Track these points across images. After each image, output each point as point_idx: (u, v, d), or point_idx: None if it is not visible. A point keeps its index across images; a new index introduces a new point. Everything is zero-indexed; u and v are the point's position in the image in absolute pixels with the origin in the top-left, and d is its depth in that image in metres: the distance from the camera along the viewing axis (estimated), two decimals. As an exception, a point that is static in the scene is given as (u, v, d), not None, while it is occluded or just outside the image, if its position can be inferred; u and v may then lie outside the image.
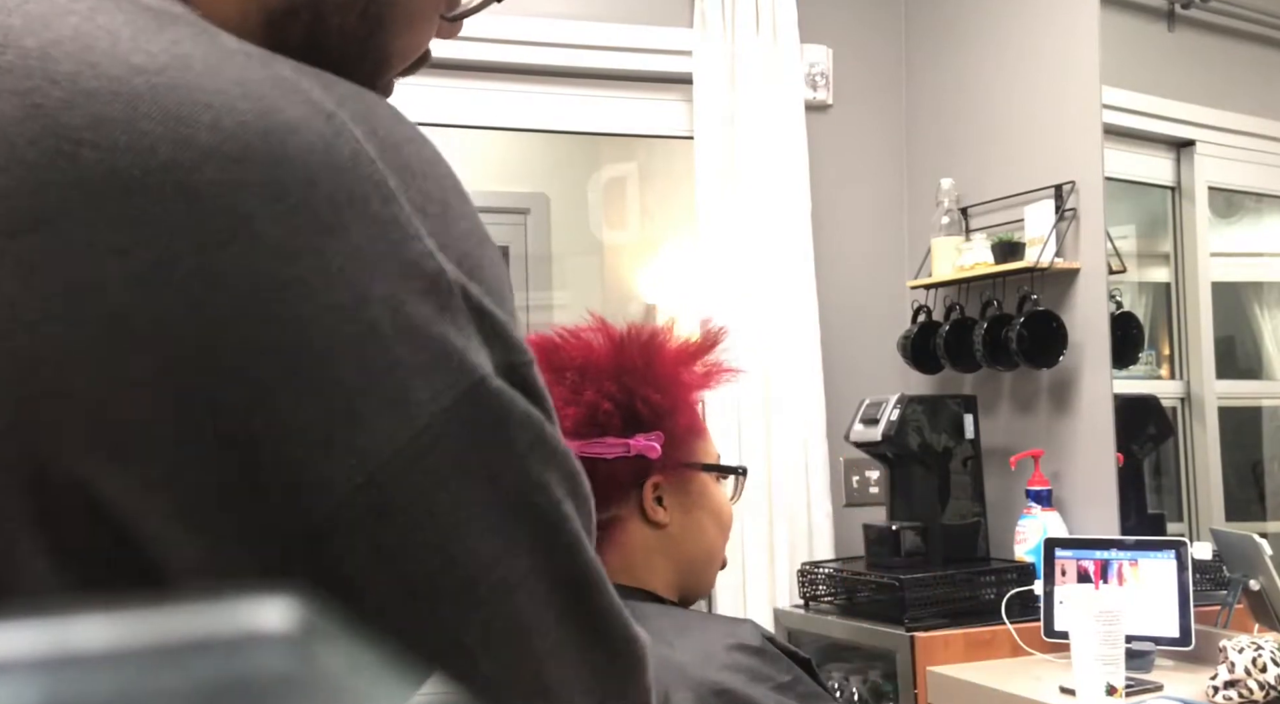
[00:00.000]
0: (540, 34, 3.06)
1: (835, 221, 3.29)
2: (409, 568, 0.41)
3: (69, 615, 0.18)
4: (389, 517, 0.40)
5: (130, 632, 0.17)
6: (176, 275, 0.38)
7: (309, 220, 0.40)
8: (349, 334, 0.40)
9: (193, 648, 0.17)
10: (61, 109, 0.39)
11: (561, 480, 0.45)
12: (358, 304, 0.40)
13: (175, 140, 0.39)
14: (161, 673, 0.17)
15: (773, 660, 1.26)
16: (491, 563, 0.42)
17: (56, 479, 0.37)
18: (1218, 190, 2.82)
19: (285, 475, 0.39)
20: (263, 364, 0.39)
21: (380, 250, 0.41)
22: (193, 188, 0.38)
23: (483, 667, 0.42)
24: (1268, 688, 2.06)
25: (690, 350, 1.37)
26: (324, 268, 0.40)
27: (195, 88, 0.40)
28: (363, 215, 0.41)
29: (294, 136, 0.40)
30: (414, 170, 0.43)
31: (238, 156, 0.39)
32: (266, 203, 0.39)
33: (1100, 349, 2.78)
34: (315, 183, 0.40)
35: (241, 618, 0.18)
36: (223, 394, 0.38)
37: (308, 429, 0.39)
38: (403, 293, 0.41)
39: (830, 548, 3.10)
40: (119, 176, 0.38)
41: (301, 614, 0.18)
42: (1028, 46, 2.99)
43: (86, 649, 0.17)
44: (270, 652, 0.18)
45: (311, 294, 0.39)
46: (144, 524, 0.38)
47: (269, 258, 0.39)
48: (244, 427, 0.38)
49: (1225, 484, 2.74)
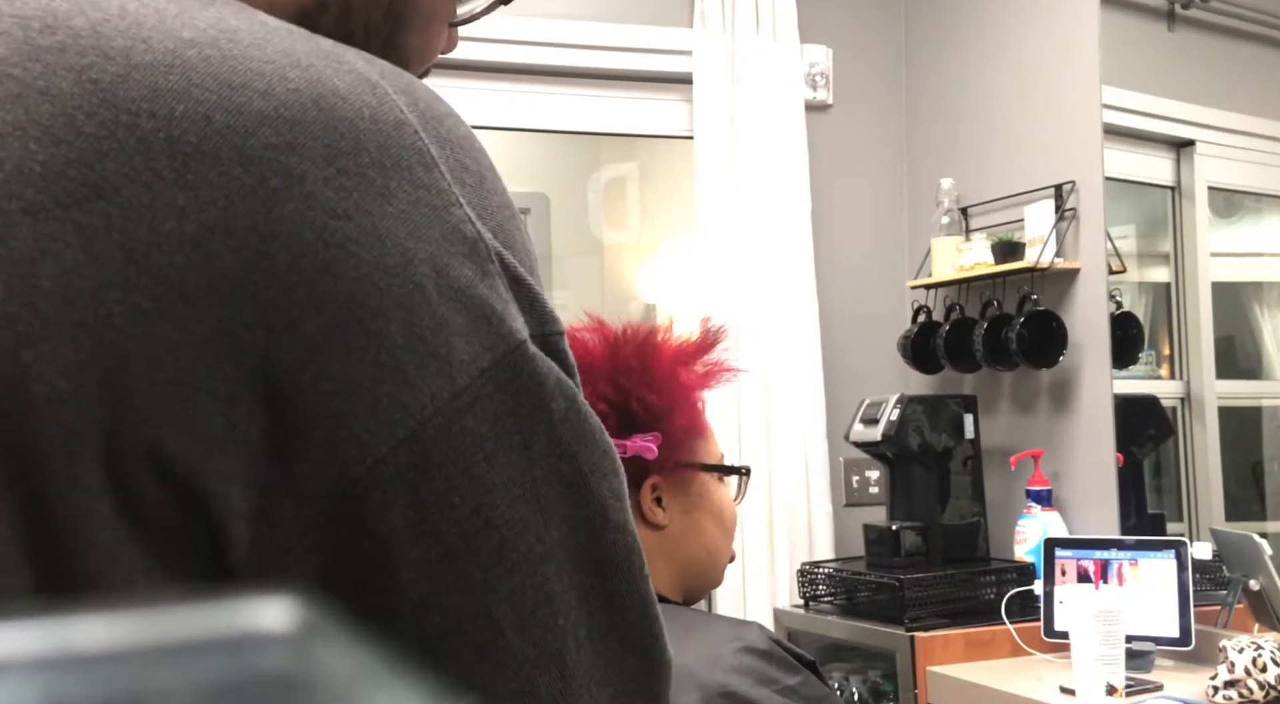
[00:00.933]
0: (540, 34, 3.06)
1: (835, 221, 3.29)
2: (445, 528, 0.41)
3: (69, 615, 0.18)
4: (428, 474, 0.41)
5: (130, 632, 0.17)
6: (233, 235, 0.39)
7: (359, 183, 0.41)
8: (397, 293, 0.41)
9: (193, 648, 0.17)
10: (118, 83, 0.40)
11: (593, 453, 0.45)
12: (404, 265, 0.41)
13: (229, 107, 0.40)
14: (161, 673, 0.17)
15: (779, 663, 1.26)
16: (523, 531, 0.43)
17: (125, 444, 0.38)
18: (1218, 190, 2.82)
19: (332, 429, 0.40)
20: (314, 319, 0.40)
21: (424, 214, 0.42)
22: (248, 151, 0.40)
23: (508, 638, 0.42)
24: (1268, 688, 2.06)
25: (688, 350, 1.37)
26: (373, 229, 0.41)
27: (246, 58, 0.41)
28: (408, 180, 0.42)
29: (342, 103, 0.42)
30: (453, 143, 0.45)
31: (290, 121, 0.41)
32: (319, 165, 0.41)
33: (1100, 349, 2.78)
34: (364, 148, 0.42)
35: (241, 618, 0.18)
36: (275, 349, 0.39)
37: (356, 384, 0.40)
38: (445, 256, 0.42)
39: (830, 548, 3.10)
40: (176, 143, 0.39)
41: (302, 614, 0.18)
42: (1028, 46, 2.99)
43: (86, 649, 0.17)
44: (270, 652, 0.18)
45: (361, 253, 0.40)
46: (207, 483, 0.39)
47: (322, 217, 0.40)
48: (294, 381, 0.39)
49: (1225, 484, 2.74)
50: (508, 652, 0.43)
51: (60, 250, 0.38)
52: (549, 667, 0.43)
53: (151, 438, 0.38)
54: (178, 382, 0.38)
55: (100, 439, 0.38)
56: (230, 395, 0.39)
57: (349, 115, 0.42)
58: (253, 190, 0.39)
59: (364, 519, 0.40)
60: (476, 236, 0.43)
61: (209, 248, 0.39)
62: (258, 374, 0.39)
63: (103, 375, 0.38)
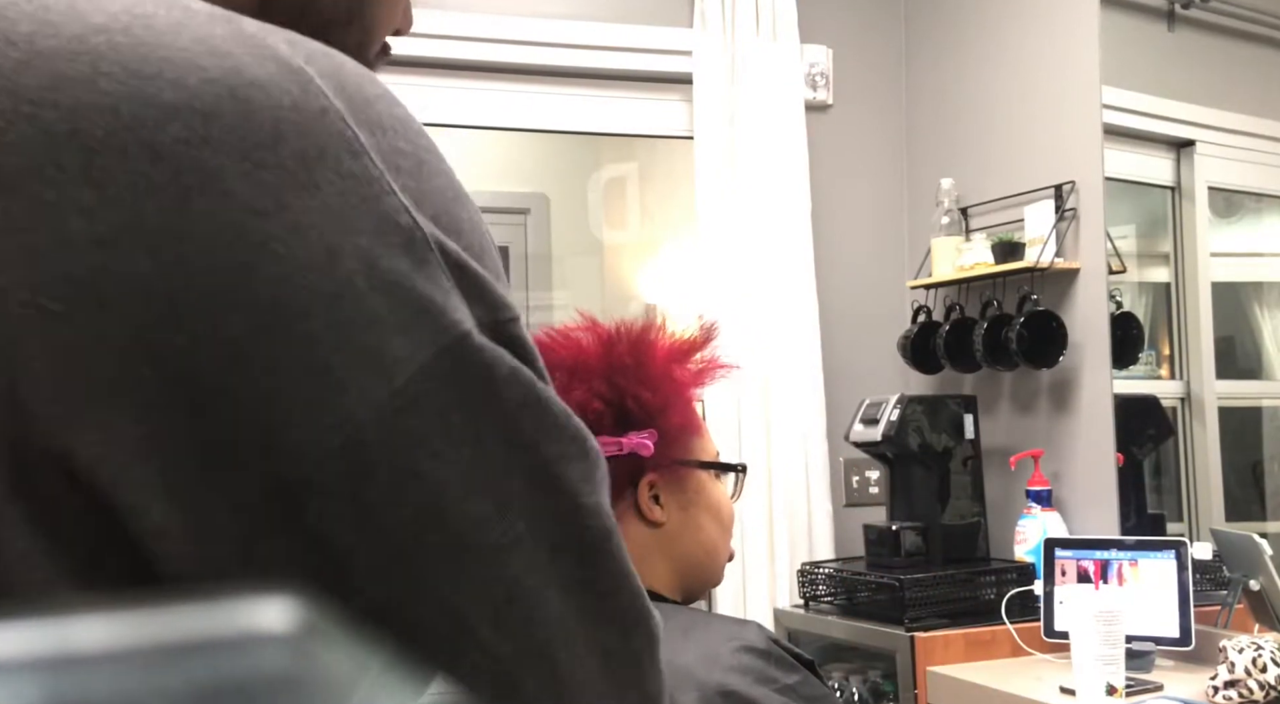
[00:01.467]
0: (540, 34, 3.06)
1: (835, 221, 3.29)
2: (394, 529, 0.40)
3: (69, 615, 0.18)
4: (371, 476, 0.39)
5: (130, 632, 0.17)
6: (145, 235, 0.37)
7: (279, 177, 0.39)
8: (323, 291, 0.39)
9: (193, 648, 0.17)
10: (19, 70, 0.38)
11: (558, 440, 0.44)
12: (331, 260, 0.39)
13: (138, 98, 0.38)
14: (161, 673, 0.17)
15: (778, 662, 1.26)
16: (481, 525, 0.41)
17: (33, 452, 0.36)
18: (1218, 190, 2.82)
19: (261, 437, 0.38)
20: (236, 323, 0.38)
21: (352, 206, 0.40)
22: (157, 146, 0.38)
23: (481, 635, 0.41)
24: (1268, 688, 2.06)
25: (683, 348, 1.36)
26: (295, 224, 0.39)
27: (159, 45, 0.39)
28: (333, 171, 0.40)
29: (261, 93, 0.40)
30: (385, 127, 0.43)
31: (204, 113, 0.38)
32: (234, 160, 0.38)
33: (1100, 349, 2.78)
34: (284, 138, 0.39)
35: (241, 618, 0.18)
36: (196, 355, 0.37)
37: (283, 388, 0.38)
38: (377, 248, 0.40)
39: (830, 548, 3.10)
40: (81, 137, 0.37)
41: (301, 614, 0.18)
42: (1028, 46, 2.99)
43: (86, 649, 0.17)
44: (270, 652, 0.18)
45: (283, 251, 0.38)
46: (123, 494, 0.37)
47: (239, 215, 0.38)
48: (218, 388, 0.37)
49: (1225, 484, 2.74)
50: (482, 650, 0.41)
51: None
52: (536, 665, 0.42)
53: (60, 447, 0.36)
54: (90, 389, 0.37)
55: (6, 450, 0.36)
56: (148, 404, 0.37)
57: (268, 105, 0.40)
58: (164, 188, 0.37)
59: (308, 528, 0.39)
60: (412, 225, 0.41)
61: (120, 249, 0.37)
62: (179, 382, 0.37)
63: (8, 383, 0.36)
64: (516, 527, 0.42)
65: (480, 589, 0.41)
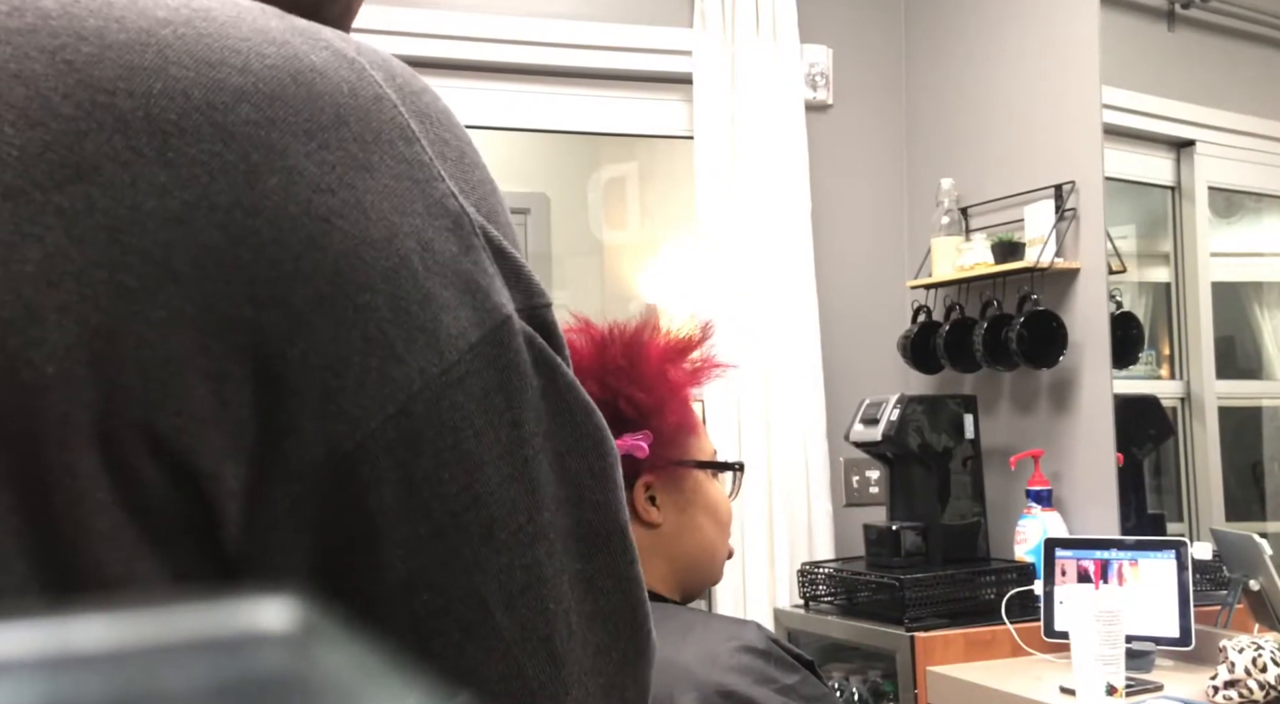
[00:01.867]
0: (540, 34, 3.06)
1: (835, 221, 3.29)
2: (434, 504, 0.41)
3: (69, 616, 0.18)
4: (417, 449, 0.40)
5: (130, 632, 0.17)
6: (216, 211, 0.39)
7: (341, 157, 0.41)
8: (383, 267, 0.40)
9: (193, 648, 0.17)
10: (93, 63, 0.39)
11: (571, 431, 0.45)
12: (389, 238, 0.41)
13: (208, 84, 0.40)
14: (161, 673, 0.17)
15: (777, 662, 1.26)
16: (513, 509, 0.42)
17: (118, 427, 0.38)
18: (1218, 190, 2.82)
19: (320, 403, 0.39)
20: (301, 293, 0.39)
21: (407, 188, 0.42)
22: (228, 127, 0.39)
23: (496, 618, 0.42)
24: (1268, 688, 2.06)
25: (677, 347, 1.36)
26: (357, 202, 0.40)
27: (221, 35, 0.41)
28: (390, 154, 0.42)
29: (321, 78, 0.42)
30: (432, 118, 0.45)
31: (269, 96, 0.40)
32: (300, 140, 0.40)
33: (1100, 349, 2.78)
34: (344, 122, 0.41)
35: (241, 618, 0.18)
36: (264, 324, 0.39)
37: (343, 358, 0.40)
38: (430, 230, 0.42)
39: (830, 548, 3.10)
40: (155, 121, 0.39)
41: (302, 614, 0.18)
42: (1028, 47, 2.99)
43: (86, 649, 0.17)
44: (270, 652, 0.18)
45: (346, 227, 0.40)
46: (200, 462, 0.38)
47: (306, 192, 0.40)
48: (283, 355, 0.39)
49: (1225, 484, 2.74)
50: (494, 633, 0.42)
51: (42, 234, 0.37)
52: (537, 651, 0.43)
53: (143, 419, 0.38)
54: (166, 360, 0.38)
55: (92, 423, 0.37)
56: (219, 372, 0.38)
57: (328, 90, 0.41)
58: (234, 166, 0.39)
59: (352, 495, 0.40)
60: (460, 211, 0.43)
61: (193, 224, 0.38)
62: (246, 350, 0.39)
63: (90, 358, 0.37)
64: (542, 515, 0.43)
65: (503, 573, 0.42)
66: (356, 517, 0.40)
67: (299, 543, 0.40)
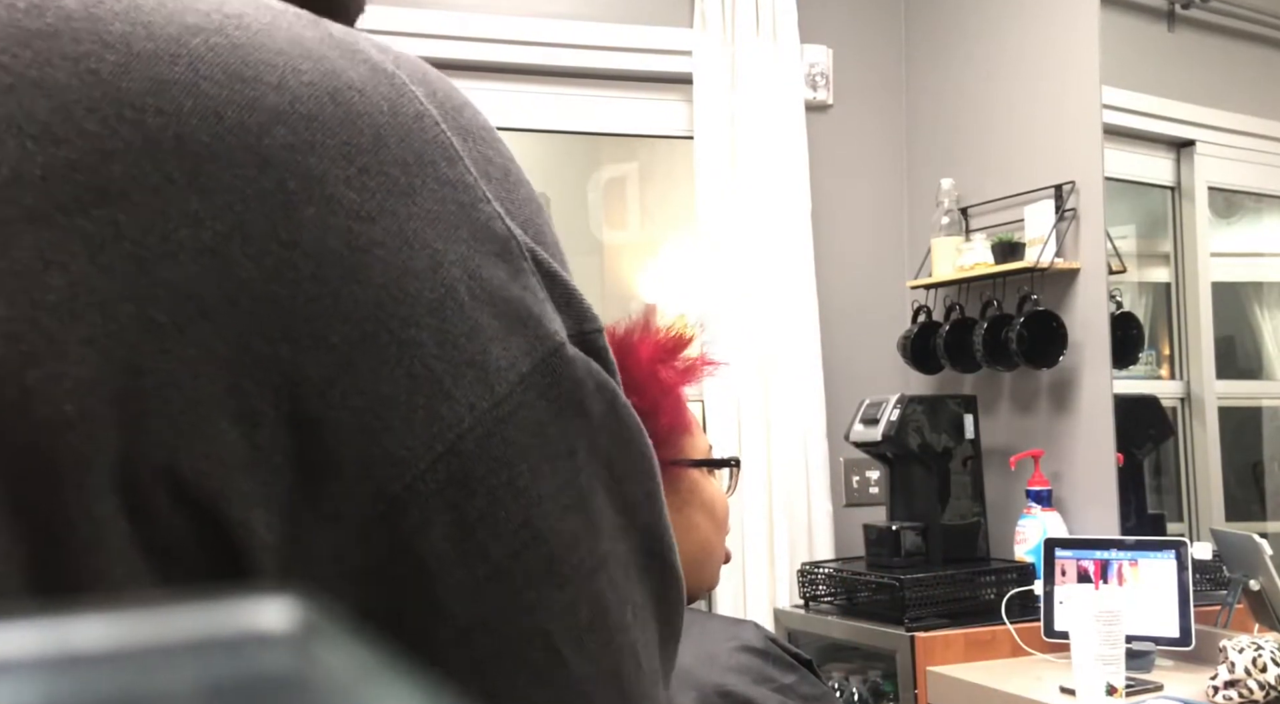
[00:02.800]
0: (540, 34, 3.06)
1: (835, 221, 3.29)
2: (491, 545, 0.38)
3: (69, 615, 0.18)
4: (470, 489, 0.38)
5: (130, 632, 0.17)
6: (251, 242, 0.36)
7: (382, 183, 0.38)
8: (428, 299, 0.38)
9: (193, 648, 0.17)
10: (119, 74, 0.37)
11: (634, 457, 0.43)
12: (434, 268, 0.38)
13: (241, 102, 0.37)
14: (161, 673, 0.17)
15: (776, 661, 1.26)
16: (573, 544, 0.40)
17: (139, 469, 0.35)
18: (1218, 190, 2.82)
19: (364, 446, 0.37)
20: (342, 331, 0.37)
21: (451, 213, 0.39)
22: (263, 151, 0.37)
23: (564, 656, 0.40)
24: (1268, 688, 2.06)
25: (667, 347, 1.35)
26: (399, 231, 0.38)
27: (255, 47, 0.38)
28: (432, 177, 0.39)
29: (359, 97, 0.39)
30: (474, 135, 0.42)
31: (307, 117, 0.38)
32: (339, 165, 0.38)
33: (1100, 349, 2.78)
34: (384, 144, 0.39)
35: (241, 618, 0.18)
36: (301, 364, 0.36)
37: (389, 397, 0.37)
38: (476, 257, 0.39)
39: (830, 548, 3.10)
40: (186, 143, 0.36)
41: (302, 614, 0.18)
42: (1028, 47, 2.99)
43: (86, 649, 0.17)
44: (270, 652, 0.18)
45: (389, 258, 0.38)
46: (228, 509, 0.36)
47: (345, 221, 0.37)
48: (323, 397, 0.37)
49: (1225, 484, 2.74)
50: (564, 671, 0.40)
51: (66, 261, 0.35)
52: (607, 685, 0.41)
53: (167, 462, 0.35)
54: (195, 401, 0.35)
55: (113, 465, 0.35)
56: (252, 414, 0.36)
57: (367, 109, 0.39)
58: (270, 194, 0.37)
59: (403, 541, 0.37)
60: (508, 234, 0.41)
61: (227, 257, 0.36)
62: (281, 391, 0.36)
63: (113, 395, 0.35)
64: (602, 546, 0.41)
65: (568, 611, 0.40)
66: (408, 563, 0.38)
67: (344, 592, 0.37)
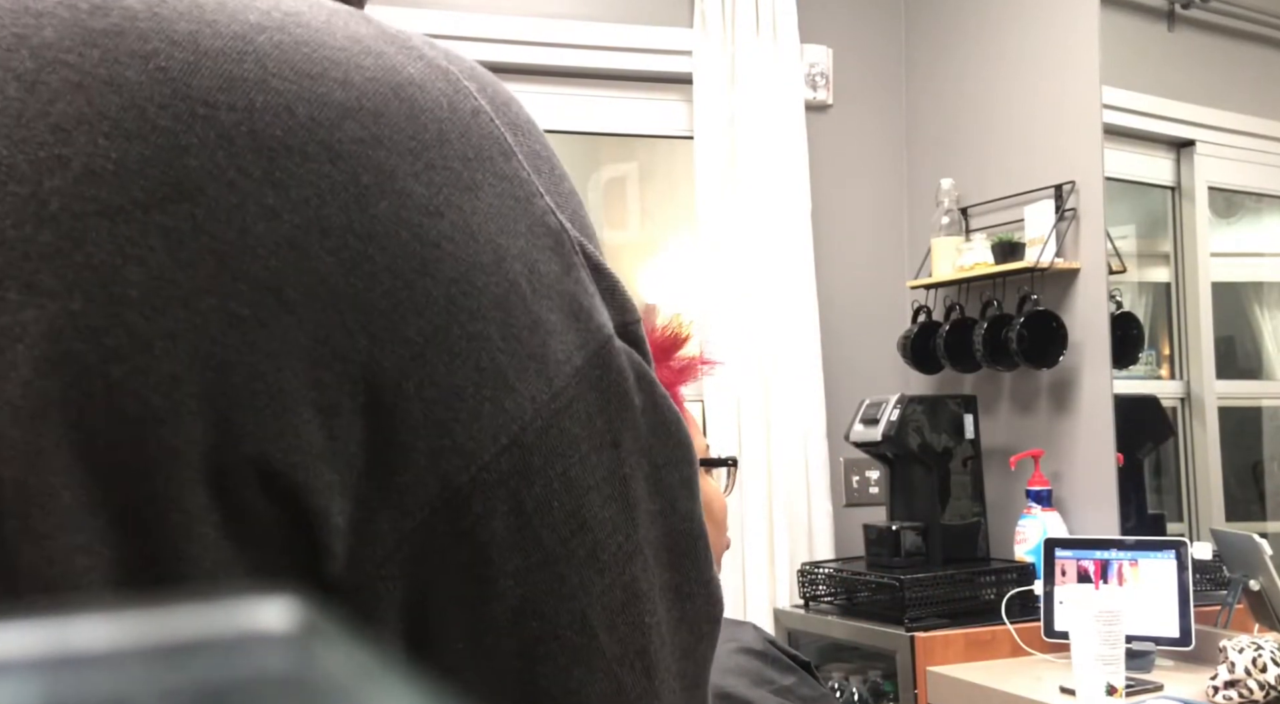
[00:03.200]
0: (540, 34, 3.06)
1: (835, 221, 3.29)
2: (545, 533, 0.40)
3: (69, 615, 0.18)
4: (529, 479, 0.39)
5: (130, 632, 0.17)
6: (329, 236, 0.37)
7: (447, 177, 0.39)
8: (494, 293, 0.39)
9: (193, 648, 0.17)
10: (189, 72, 0.37)
11: (667, 444, 0.44)
12: (498, 262, 0.39)
13: (311, 98, 0.38)
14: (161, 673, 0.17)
15: (774, 663, 1.26)
16: (613, 530, 0.41)
17: (229, 462, 0.36)
18: (1218, 190, 2.82)
19: (435, 437, 0.38)
20: (416, 323, 0.38)
21: (510, 207, 0.40)
22: (335, 146, 0.37)
23: (600, 639, 0.41)
24: (1268, 688, 2.06)
25: (662, 346, 1.35)
26: (465, 225, 0.39)
27: (317, 44, 0.39)
28: (491, 172, 0.40)
29: (420, 93, 0.40)
30: (523, 129, 0.43)
31: (374, 113, 0.38)
32: (407, 160, 0.38)
33: (1100, 349, 2.78)
34: (447, 139, 0.39)
35: (242, 618, 0.18)
36: (378, 356, 0.37)
37: (459, 389, 0.38)
38: (533, 250, 0.40)
39: (830, 548, 3.10)
40: (260, 138, 0.37)
41: (302, 614, 0.18)
42: (1028, 46, 2.99)
43: (86, 649, 0.17)
44: (270, 652, 0.18)
45: (458, 252, 0.39)
46: (310, 498, 0.37)
47: (416, 215, 0.38)
48: (397, 388, 0.37)
49: (1225, 484, 2.74)
50: (599, 653, 0.41)
51: (145, 255, 0.35)
52: (634, 664, 0.42)
53: (256, 454, 0.36)
54: (279, 393, 0.36)
55: (202, 458, 0.35)
56: (331, 405, 0.37)
57: (429, 105, 0.40)
58: (344, 187, 0.37)
59: (464, 528, 0.39)
60: (560, 228, 0.42)
61: (305, 250, 0.36)
62: (359, 382, 0.37)
63: (201, 389, 0.35)
64: (637, 533, 0.42)
65: (605, 594, 0.41)
66: (469, 550, 0.39)
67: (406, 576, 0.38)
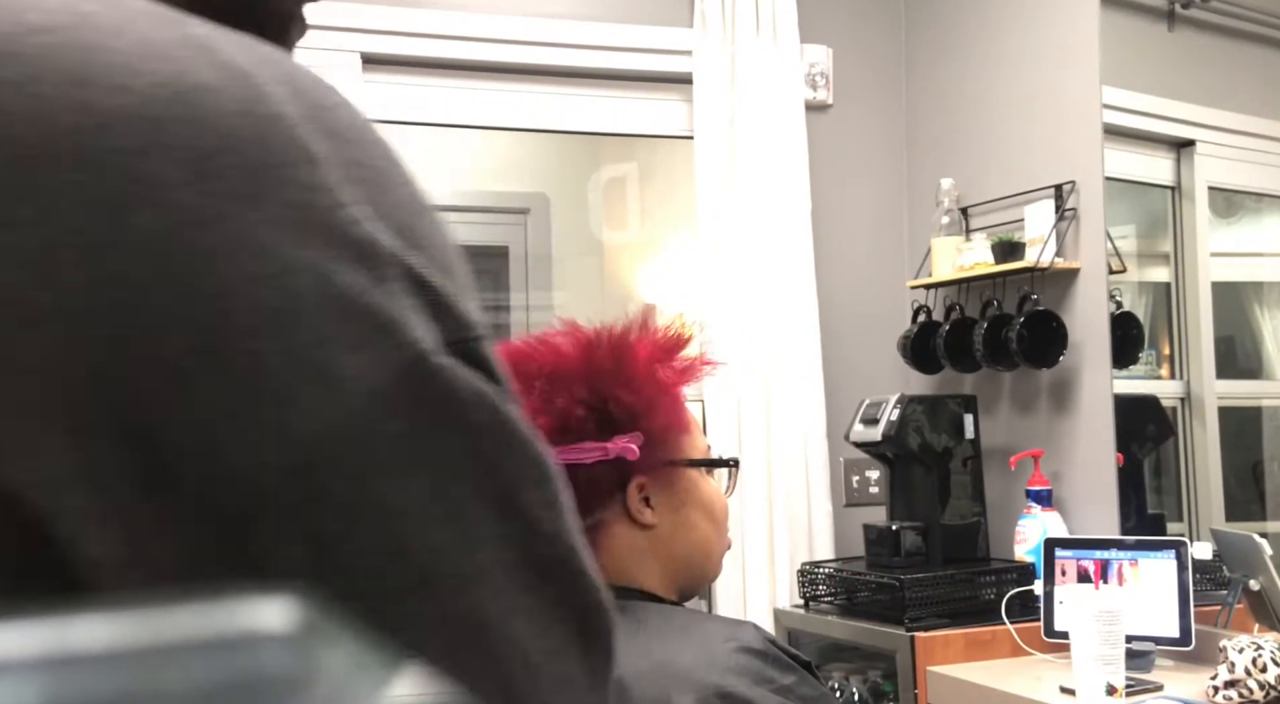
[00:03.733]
0: (540, 34, 3.06)
1: (835, 221, 3.29)
2: (353, 561, 0.37)
3: (69, 615, 0.18)
4: (325, 504, 0.37)
5: (130, 632, 0.17)
6: (80, 250, 0.35)
7: (225, 186, 0.37)
8: (271, 306, 0.36)
9: (193, 648, 0.17)
10: None
11: (517, 463, 0.41)
12: (280, 274, 0.37)
13: (75, 105, 0.36)
14: (161, 673, 0.17)
15: (775, 662, 1.26)
16: (444, 555, 0.39)
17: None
18: (1218, 190, 2.82)
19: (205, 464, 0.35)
20: (177, 342, 0.35)
21: (303, 217, 0.38)
22: (96, 155, 0.35)
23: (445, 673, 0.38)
24: (1268, 688, 2.06)
25: (666, 346, 1.35)
26: (243, 236, 0.36)
27: (98, 48, 0.37)
28: (284, 181, 0.38)
29: (209, 97, 0.38)
30: (343, 136, 0.41)
31: (149, 120, 0.36)
32: (179, 168, 0.36)
33: (1100, 349, 2.78)
34: (231, 147, 0.37)
35: (241, 618, 0.18)
36: (133, 377, 0.35)
37: (228, 411, 0.36)
38: (330, 262, 0.38)
39: (830, 548, 3.10)
40: (13, 145, 0.35)
41: (302, 614, 0.18)
42: (1028, 46, 2.99)
43: (86, 649, 0.17)
44: (270, 652, 0.18)
45: (230, 264, 0.36)
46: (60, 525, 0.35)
47: (182, 227, 0.36)
48: (159, 411, 0.35)
49: (1225, 484, 2.74)
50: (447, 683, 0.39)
51: None
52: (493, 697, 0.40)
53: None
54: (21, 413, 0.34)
55: None
56: (82, 428, 0.34)
57: (216, 111, 0.37)
58: (102, 199, 0.35)
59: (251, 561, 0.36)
60: (370, 239, 0.39)
61: (54, 263, 0.34)
62: (115, 403, 0.35)
63: None
64: (479, 557, 0.40)
65: (444, 625, 0.39)
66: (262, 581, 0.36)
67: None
